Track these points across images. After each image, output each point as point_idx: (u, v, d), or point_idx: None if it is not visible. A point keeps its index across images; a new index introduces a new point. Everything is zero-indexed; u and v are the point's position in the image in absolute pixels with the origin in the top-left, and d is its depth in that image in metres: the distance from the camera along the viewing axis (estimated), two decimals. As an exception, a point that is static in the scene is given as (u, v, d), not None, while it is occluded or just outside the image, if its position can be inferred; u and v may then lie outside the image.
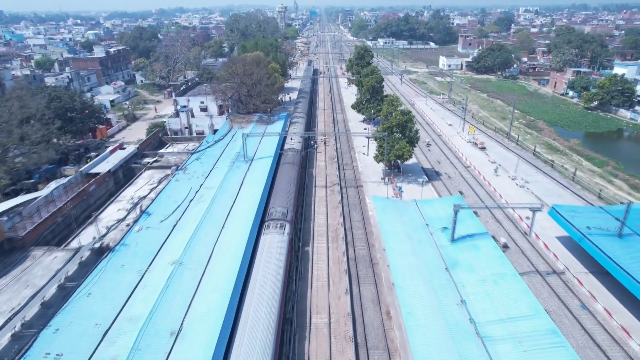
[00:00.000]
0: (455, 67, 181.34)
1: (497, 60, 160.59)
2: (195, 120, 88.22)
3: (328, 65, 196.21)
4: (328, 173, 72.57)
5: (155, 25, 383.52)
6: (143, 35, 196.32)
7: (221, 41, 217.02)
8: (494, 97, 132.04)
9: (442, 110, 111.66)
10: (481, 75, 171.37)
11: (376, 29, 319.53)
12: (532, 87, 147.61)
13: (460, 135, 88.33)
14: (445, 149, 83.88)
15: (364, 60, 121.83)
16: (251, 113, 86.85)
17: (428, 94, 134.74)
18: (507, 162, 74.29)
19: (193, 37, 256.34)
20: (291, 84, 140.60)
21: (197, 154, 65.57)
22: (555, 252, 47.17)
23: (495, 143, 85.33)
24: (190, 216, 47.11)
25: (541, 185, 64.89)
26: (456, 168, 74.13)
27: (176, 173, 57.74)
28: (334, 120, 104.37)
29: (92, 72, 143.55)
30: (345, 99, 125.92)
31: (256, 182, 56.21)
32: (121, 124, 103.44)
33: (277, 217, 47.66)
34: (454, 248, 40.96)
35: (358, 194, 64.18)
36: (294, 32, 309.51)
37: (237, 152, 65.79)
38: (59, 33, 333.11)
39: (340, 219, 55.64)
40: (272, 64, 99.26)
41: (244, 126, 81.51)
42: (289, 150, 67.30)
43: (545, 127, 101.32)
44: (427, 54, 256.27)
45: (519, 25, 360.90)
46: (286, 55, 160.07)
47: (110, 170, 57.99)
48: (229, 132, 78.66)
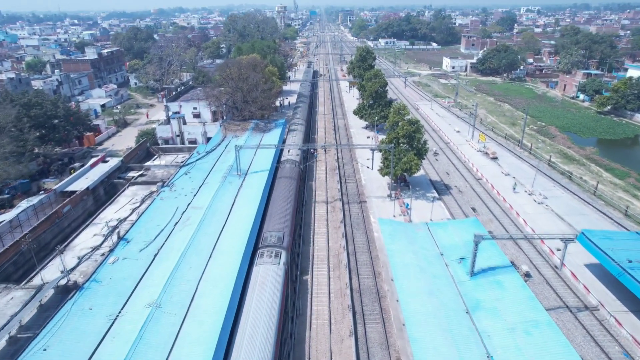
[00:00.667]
0: (459, 69, 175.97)
1: (503, 61, 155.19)
2: (187, 128, 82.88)
3: (328, 67, 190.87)
4: (329, 186, 67.22)
5: (152, 25, 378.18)
6: (138, 36, 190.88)
7: (219, 42, 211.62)
8: (502, 101, 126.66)
9: (449, 116, 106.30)
10: (486, 77, 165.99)
11: (377, 29, 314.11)
12: (540, 90, 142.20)
13: (469, 143, 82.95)
14: (454, 158, 78.51)
15: (366, 63, 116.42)
16: (247, 120, 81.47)
17: (433, 97, 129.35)
18: (522, 174, 68.91)
19: (190, 37, 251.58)
20: (290, 87, 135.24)
21: (186, 167, 60.22)
22: (585, 283, 41.82)
23: (507, 152, 79.93)
24: (173, 243, 41.74)
25: (561, 201, 59.49)
26: (467, 180, 68.76)
27: (162, 190, 52.40)
28: (335, 126, 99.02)
29: (83, 74, 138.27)
30: (347, 103, 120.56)
31: (250, 200, 50.88)
32: (111, 130, 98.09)
33: (271, 243, 42.35)
34: (474, 284, 35.62)
35: (362, 212, 58.82)
36: (293, 32, 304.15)
37: (230, 165, 60.43)
38: (55, 33, 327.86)
39: (343, 242, 50.31)
40: (269, 67, 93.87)
41: (239, 135, 76.15)
42: (286, 162, 61.96)
43: (557, 133, 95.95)
44: (429, 54, 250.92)
45: (522, 25, 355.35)
46: (285, 57, 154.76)
47: (89, 188, 52.62)
48: (222, 141, 73.29)
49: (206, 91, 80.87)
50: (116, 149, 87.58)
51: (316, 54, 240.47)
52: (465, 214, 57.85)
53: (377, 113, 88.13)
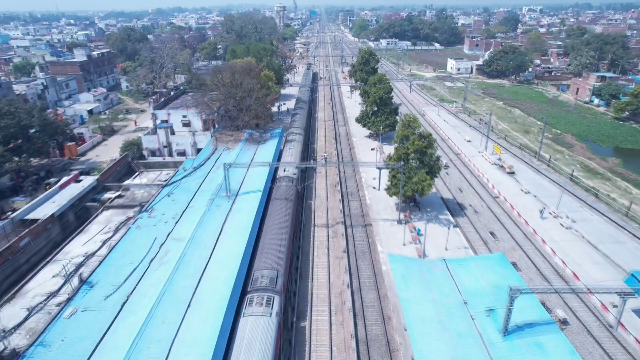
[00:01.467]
0: (464, 71, 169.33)
1: (511, 63, 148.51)
2: (175, 138, 76.28)
3: (328, 69, 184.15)
4: (330, 206, 60.59)
5: (149, 25, 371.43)
6: (132, 37, 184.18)
7: (215, 43, 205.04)
8: (511, 106, 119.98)
9: (457, 123, 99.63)
10: (493, 79, 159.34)
11: (378, 29, 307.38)
12: (550, 94, 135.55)
13: (483, 155, 76.28)
14: (466, 172, 71.88)
15: (368, 66, 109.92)
16: (240, 129, 74.85)
17: (439, 102, 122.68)
18: (543, 192, 62.26)
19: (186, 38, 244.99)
20: (288, 91, 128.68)
21: (170, 186, 53.58)
22: (638, 336, 35.23)
23: (524, 165, 73.27)
24: (147, 288, 35.13)
25: (591, 225, 52.85)
26: (482, 199, 62.13)
27: (139, 217, 45.79)
28: (336, 135, 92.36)
29: (71, 77, 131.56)
30: (348, 108, 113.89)
31: (239, 229, 44.27)
32: (96, 139, 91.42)
33: (263, 286, 35.83)
34: (508, 347, 29.04)
35: (367, 237, 52.21)
36: (292, 32, 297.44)
37: (219, 184, 53.77)
38: (49, 34, 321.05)
39: (346, 277, 43.69)
40: (265, 71, 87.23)
41: (231, 146, 69.52)
42: (282, 181, 55.38)
43: (575, 142, 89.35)
44: (432, 55, 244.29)
45: (526, 25, 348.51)
46: (283, 59, 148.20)
47: (54, 215, 46.02)
48: (212, 154, 66.66)
49: (196, 98, 74.22)
50: (100, 160, 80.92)
51: (316, 55, 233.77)
52: (483, 241, 51.27)
53: (381, 121, 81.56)
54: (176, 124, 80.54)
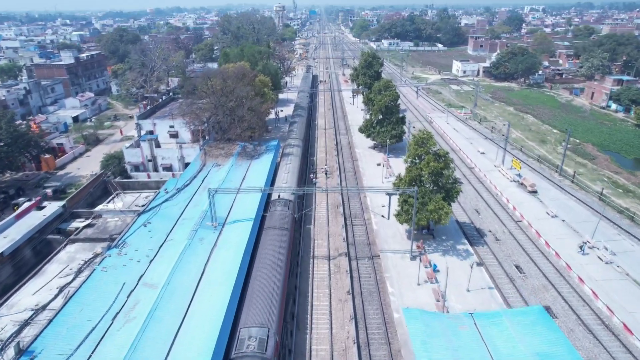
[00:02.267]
0: (471, 73, 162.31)
1: (520, 66, 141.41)
2: (161, 152, 69.25)
3: (329, 71, 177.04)
4: (331, 232, 53.57)
5: (146, 25, 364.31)
6: (124, 38, 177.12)
7: (212, 44, 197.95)
8: (523, 111, 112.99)
9: (468, 131, 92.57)
10: (501, 82, 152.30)
11: (379, 29, 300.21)
12: (563, 98, 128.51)
13: (500, 170, 69.21)
14: (482, 189, 64.83)
15: (372, 69, 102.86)
16: (233, 141, 67.82)
17: (446, 107, 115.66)
18: (572, 215, 55.23)
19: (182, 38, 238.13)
20: (287, 95, 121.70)
21: (147, 213, 46.54)
22: None
23: (546, 182, 66.23)
24: (105, 357, 28.17)
25: (635, 259, 45.84)
26: (503, 223, 55.11)
27: (107, 254, 38.74)
28: (337, 145, 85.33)
29: (57, 81, 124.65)
30: (350, 115, 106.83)
31: (224, 271, 37.28)
32: (78, 149, 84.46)
33: (250, 351, 29.06)
34: None
35: (374, 273, 45.20)
36: (292, 32, 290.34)
37: (204, 210, 46.79)
38: (43, 34, 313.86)
39: (351, 328, 36.74)
40: (260, 77, 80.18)
41: (221, 162, 62.50)
42: (277, 205, 48.38)
43: (597, 153, 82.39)
44: (435, 56, 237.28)
45: (530, 25, 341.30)
46: (281, 61, 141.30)
47: (3, 254, 38.96)
48: (199, 171, 59.65)
49: (183, 107, 67.16)
50: (80, 175, 74.08)
51: (315, 57, 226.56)
52: (509, 277, 44.27)
53: (387, 132, 74.56)
54: (162, 135, 73.52)
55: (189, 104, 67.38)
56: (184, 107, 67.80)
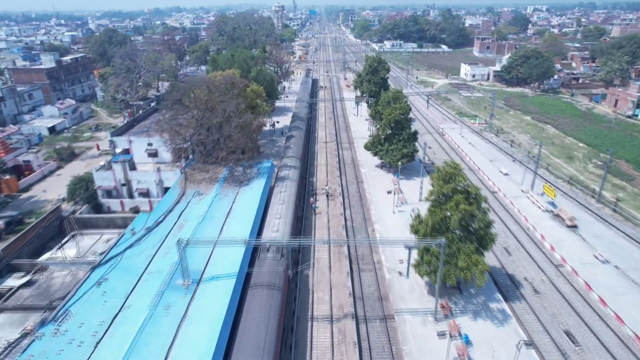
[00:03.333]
0: (480, 78, 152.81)
1: (535, 70, 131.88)
2: (136, 175, 59.85)
3: (330, 75, 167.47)
4: (334, 282, 44.11)
5: (141, 25, 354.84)
6: (113, 39, 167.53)
7: (207, 45, 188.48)
8: (542, 121, 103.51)
9: (485, 145, 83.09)
10: (513, 87, 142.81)
11: (382, 30, 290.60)
12: (582, 105, 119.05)
13: (528, 196, 59.70)
14: (510, 221, 55.35)
15: (377, 76, 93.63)
16: (220, 162, 58.34)
17: (458, 117, 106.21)
18: (626, 258, 45.78)
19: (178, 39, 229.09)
20: (284, 103, 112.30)
21: (105, 266, 37.11)
22: None
23: (584, 211, 56.75)
24: None
25: None
26: (540, 268, 45.68)
27: (37, 334, 29.34)
28: (340, 162, 75.87)
29: (36, 87, 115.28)
30: (354, 125, 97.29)
31: (195, 355, 27.93)
32: (48, 167, 75.11)
33: None
34: None
35: (389, 345, 35.76)
36: (291, 33, 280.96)
37: (176, 262, 37.34)
38: (35, 34, 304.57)
39: None
40: (252, 86, 70.72)
41: (204, 190, 53.11)
42: (267, 256, 38.89)
43: (633, 172, 72.95)
44: (440, 58, 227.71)
45: (536, 25, 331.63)
46: (278, 65, 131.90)
47: None
48: (178, 202, 50.26)
49: (161, 123, 57.63)
50: (45, 199, 64.78)
51: (315, 59, 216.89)
52: (560, 350, 34.86)
53: (397, 150, 65.12)
54: (140, 154, 64.10)
55: (169, 119, 57.88)
56: (162, 122, 58.26)
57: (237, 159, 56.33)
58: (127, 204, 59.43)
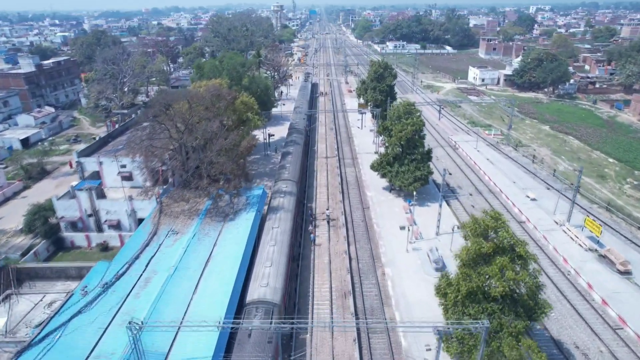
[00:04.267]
0: (490, 82, 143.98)
1: (551, 75, 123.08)
2: (105, 204, 51.16)
3: (330, 78, 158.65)
4: (337, 353, 35.34)
5: (136, 26, 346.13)
6: (102, 41, 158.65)
7: (201, 47, 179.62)
8: (562, 132, 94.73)
9: (504, 162, 74.25)
10: (525, 92, 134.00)
11: (383, 30, 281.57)
12: (603, 113, 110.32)
13: (565, 230, 50.90)
14: (545, 262, 46.47)
15: (383, 83, 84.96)
16: (204, 188, 49.53)
17: (470, 126, 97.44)
18: (696, 317, 37.12)
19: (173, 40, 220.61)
20: (281, 110, 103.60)
21: (35, 349, 28.35)
22: None
23: (635, 250, 47.94)
24: None
25: None
26: (592, 330, 36.91)
27: None
28: (343, 183, 67.07)
29: (12, 93, 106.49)
30: (357, 138, 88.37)
31: None
32: (12, 187, 66.45)
33: None
34: None
35: None
36: (290, 34, 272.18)
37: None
38: (26, 35, 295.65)
39: None
40: (243, 97, 61.94)
41: (181, 226, 44.40)
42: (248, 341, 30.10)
43: (675, 195, 64.31)
44: (444, 60, 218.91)
45: (543, 25, 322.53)
46: (275, 69, 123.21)
47: None
48: (147, 244, 41.50)
49: (131, 144, 48.80)
50: (1, 229, 56.05)
51: (315, 61, 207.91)
52: None
53: (409, 172, 56.37)
54: (112, 178, 55.58)
55: (143, 139, 49.06)
56: (133, 142, 49.39)
57: (224, 187, 47.55)
58: (94, 239, 50.75)
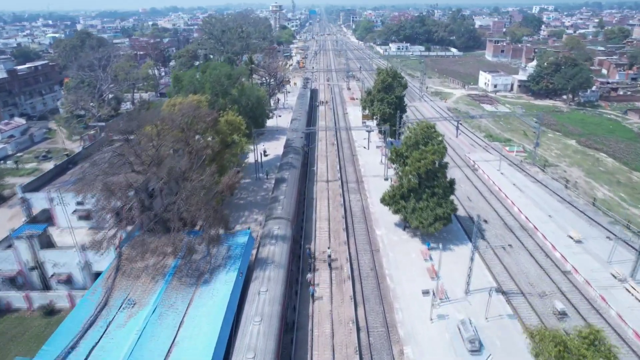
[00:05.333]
0: (503, 88, 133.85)
1: (571, 81, 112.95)
2: (51, 255, 41.04)
3: (331, 84, 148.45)
4: None
5: (130, 26, 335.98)
6: (86, 43, 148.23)
7: (194, 50, 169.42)
8: (591, 147, 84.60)
9: (535, 188, 63.91)
10: (542, 100, 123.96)
11: (386, 31, 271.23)
12: (633, 124, 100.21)
13: (628, 288, 40.64)
14: (611, 334, 36.39)
15: (392, 94, 74.87)
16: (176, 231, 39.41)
17: (489, 142, 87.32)
18: None
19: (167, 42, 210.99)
20: (277, 122, 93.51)
21: None
22: None
23: None
24: None
25: None
26: None
27: None
28: (347, 215, 56.95)
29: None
30: (362, 156, 78.12)
31: None
32: (-42, 220, 56.25)
33: None
34: None
35: None
36: (289, 35, 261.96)
37: None
38: (15, 36, 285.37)
39: None
40: (227, 115, 51.71)
41: (139, 296, 34.22)
42: None
43: None
44: (450, 63, 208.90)
45: (550, 26, 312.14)
46: (271, 75, 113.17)
47: None
48: (93, 322, 31.39)
49: (83, 180, 38.62)
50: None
51: (315, 64, 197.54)
52: None
53: (428, 209, 46.22)
54: (67, 217, 45.37)
55: (97, 175, 38.89)
56: (88, 177, 39.23)
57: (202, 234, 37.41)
58: (36, 299, 40.52)
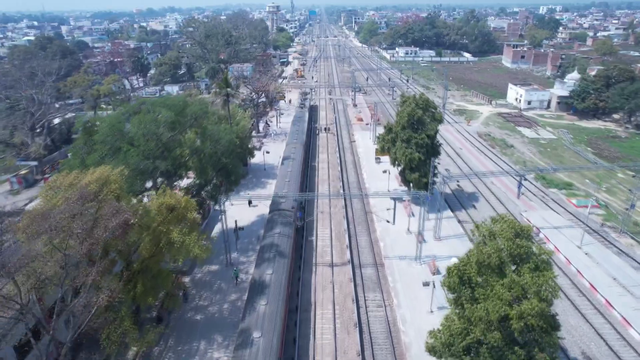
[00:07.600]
0: (538, 105, 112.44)
1: (633, 99, 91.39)
2: None
3: (333, 99, 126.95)
4: None
5: (117, 28, 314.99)
6: (49, 50, 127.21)
7: (177, 57, 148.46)
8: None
9: (636, 276, 42.67)
10: (589, 121, 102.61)
11: (392, 34, 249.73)
12: None
13: None
14: None
15: (422, 132, 53.41)
16: None
17: (544, 188, 65.94)
18: None
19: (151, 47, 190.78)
20: (264, 158, 72.30)
21: None
22: None
23: None
24: None
25: None
26: None
27: None
28: (365, 333, 35.76)
29: None
30: (379, 213, 56.63)
31: None
32: None
33: None
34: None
35: None
36: (286, 39, 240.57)
37: None
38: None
39: None
40: (165, 198, 30.54)
41: None
42: None
43: None
44: (465, 70, 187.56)
45: (568, 28, 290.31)
46: (259, 94, 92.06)
47: None
48: None
49: None
50: None
51: (315, 75, 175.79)
52: None
53: None
54: None
55: None
56: None
57: None
58: None
